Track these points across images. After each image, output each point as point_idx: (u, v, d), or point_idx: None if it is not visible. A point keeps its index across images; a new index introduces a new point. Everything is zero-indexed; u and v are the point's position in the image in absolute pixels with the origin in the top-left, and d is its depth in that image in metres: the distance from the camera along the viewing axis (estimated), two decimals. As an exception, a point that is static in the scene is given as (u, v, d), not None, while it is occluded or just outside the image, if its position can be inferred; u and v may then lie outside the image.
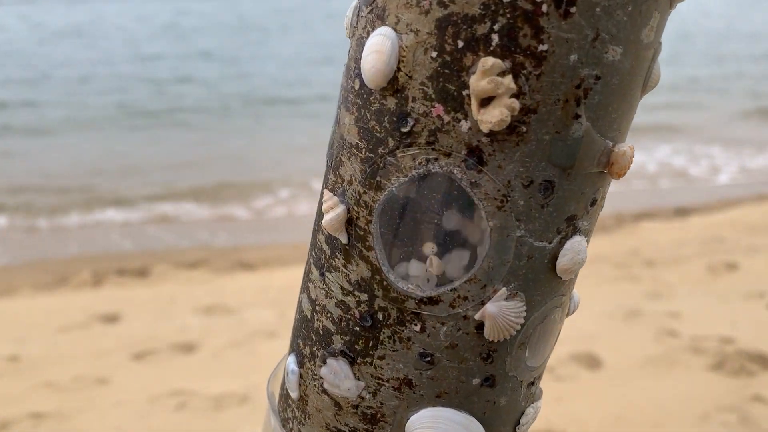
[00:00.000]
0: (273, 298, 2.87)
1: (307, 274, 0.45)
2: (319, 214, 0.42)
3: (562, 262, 0.38)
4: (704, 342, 2.35)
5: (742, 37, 11.86)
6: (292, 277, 2.59)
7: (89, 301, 2.91)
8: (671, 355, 2.29)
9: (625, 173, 0.37)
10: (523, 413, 0.44)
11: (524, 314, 0.38)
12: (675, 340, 2.39)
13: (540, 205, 0.36)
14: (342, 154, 0.40)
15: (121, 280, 3.20)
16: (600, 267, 3.08)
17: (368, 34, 0.37)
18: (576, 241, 0.38)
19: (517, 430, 0.44)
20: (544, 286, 0.39)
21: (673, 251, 3.34)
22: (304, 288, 0.45)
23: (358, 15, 0.38)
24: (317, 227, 0.43)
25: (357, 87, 0.38)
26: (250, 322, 2.65)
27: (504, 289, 0.37)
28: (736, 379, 2.14)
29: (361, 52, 0.37)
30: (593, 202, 0.38)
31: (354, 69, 0.38)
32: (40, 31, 11.69)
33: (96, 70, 8.59)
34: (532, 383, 0.44)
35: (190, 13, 13.98)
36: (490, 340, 0.39)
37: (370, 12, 0.37)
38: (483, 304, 0.38)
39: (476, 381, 0.40)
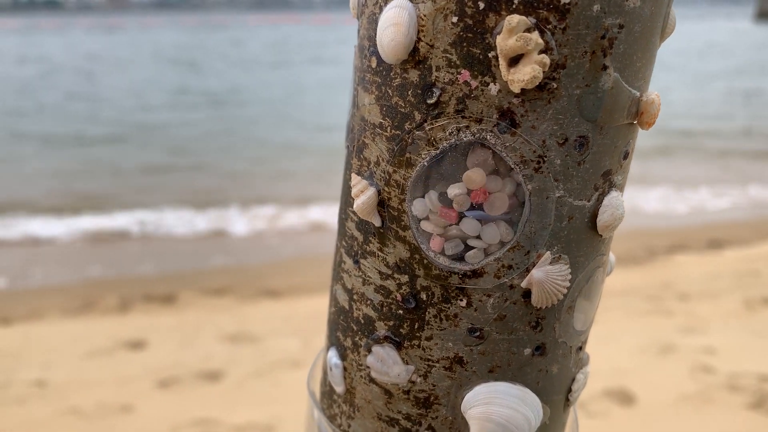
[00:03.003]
0: (298, 326, 2.85)
1: (339, 264, 0.44)
2: (346, 202, 0.42)
3: (603, 218, 0.38)
4: (741, 379, 2.28)
5: None
6: (318, 305, 2.56)
7: (115, 327, 2.92)
8: (707, 393, 2.22)
9: (654, 122, 0.37)
10: (574, 379, 0.43)
11: (570, 277, 0.38)
12: (711, 377, 2.32)
13: (576, 163, 0.36)
14: (365, 136, 0.39)
15: (147, 306, 3.21)
16: (631, 300, 3.01)
17: (381, 9, 0.36)
18: (613, 197, 0.38)
19: (569, 397, 0.43)
20: (586, 246, 0.38)
21: (706, 285, 3.26)
22: (337, 279, 0.44)
23: None
24: (345, 215, 0.42)
25: (374, 65, 0.37)
26: (275, 351, 2.63)
27: (548, 253, 0.37)
28: (775, 419, 2.06)
29: (375, 29, 0.36)
30: (625, 155, 0.38)
31: (369, 47, 0.38)
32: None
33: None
34: (580, 348, 0.43)
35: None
36: (538, 307, 0.38)
37: None
38: (528, 271, 0.37)
39: (527, 351, 0.40)
